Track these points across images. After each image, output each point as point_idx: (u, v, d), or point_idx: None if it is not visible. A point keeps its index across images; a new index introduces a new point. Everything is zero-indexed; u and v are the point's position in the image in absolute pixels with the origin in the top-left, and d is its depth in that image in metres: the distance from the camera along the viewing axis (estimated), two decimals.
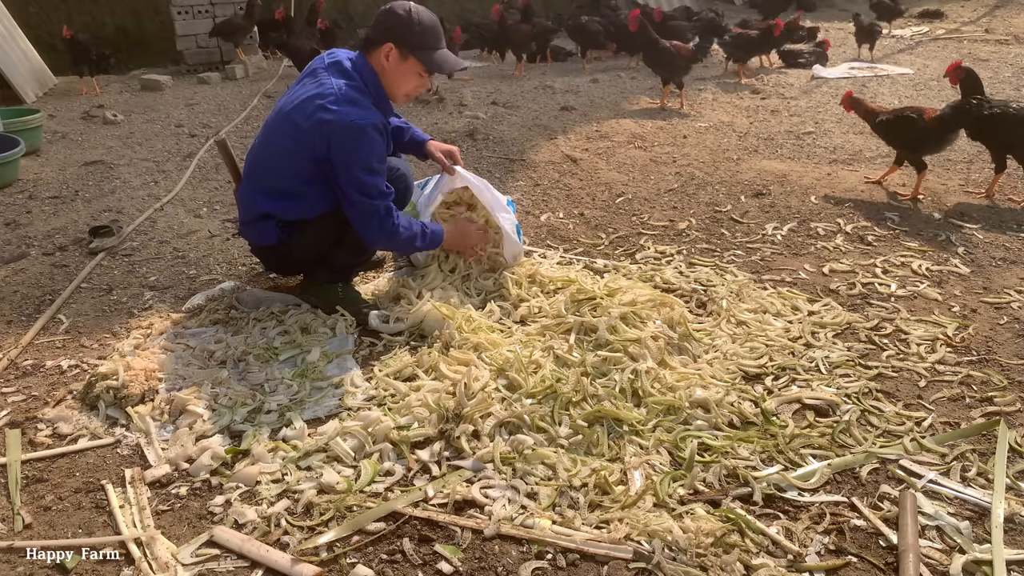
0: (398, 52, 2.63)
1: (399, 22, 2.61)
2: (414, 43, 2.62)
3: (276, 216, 2.72)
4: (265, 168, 2.73)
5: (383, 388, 2.41)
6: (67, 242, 3.67)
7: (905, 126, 4.17)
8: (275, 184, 2.70)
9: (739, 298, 3.00)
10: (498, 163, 4.94)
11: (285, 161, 2.65)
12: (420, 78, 2.72)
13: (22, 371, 2.56)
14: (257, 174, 2.76)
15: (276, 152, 2.68)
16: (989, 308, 2.98)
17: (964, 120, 4.04)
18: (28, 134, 5.03)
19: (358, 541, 1.81)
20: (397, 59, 2.64)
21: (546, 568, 1.73)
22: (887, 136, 4.39)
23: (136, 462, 2.10)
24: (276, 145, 2.68)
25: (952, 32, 10.33)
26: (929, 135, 4.09)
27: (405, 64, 2.65)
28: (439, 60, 2.68)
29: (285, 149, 2.64)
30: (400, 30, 2.61)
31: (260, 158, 2.76)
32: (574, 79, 7.81)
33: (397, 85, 2.71)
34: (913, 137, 4.16)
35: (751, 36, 7.61)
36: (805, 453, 2.12)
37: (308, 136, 2.56)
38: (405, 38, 2.61)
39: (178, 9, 8.17)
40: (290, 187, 2.68)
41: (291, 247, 2.78)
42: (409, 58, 2.64)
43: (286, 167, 2.66)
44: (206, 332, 2.76)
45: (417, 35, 2.62)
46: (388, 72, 2.67)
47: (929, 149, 4.24)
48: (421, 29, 2.62)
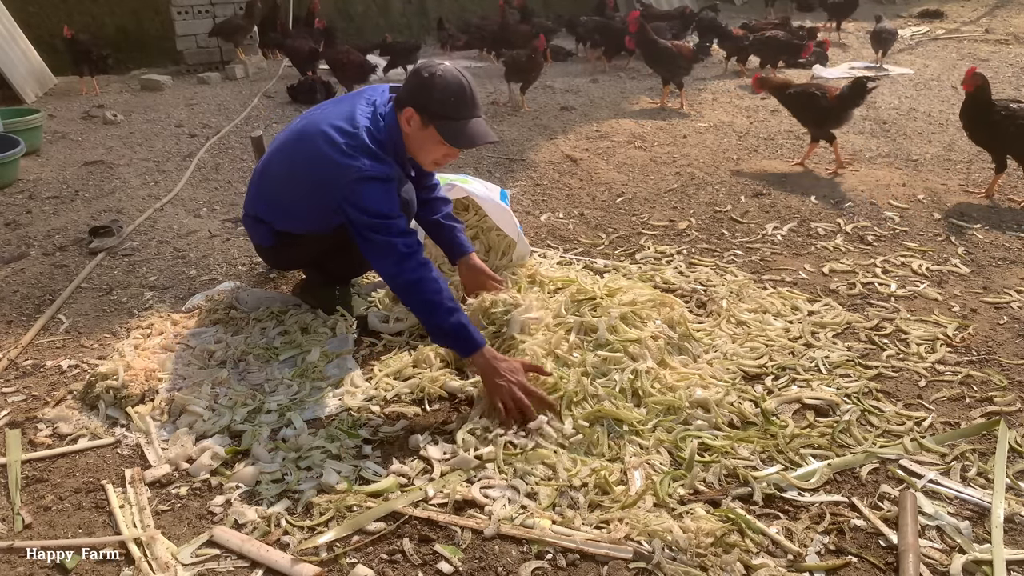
0: (419, 118, 2.37)
1: (421, 86, 2.34)
2: (435, 112, 2.34)
3: (269, 224, 2.69)
4: (271, 175, 2.66)
5: (383, 388, 2.41)
6: (67, 242, 3.67)
7: (810, 102, 4.59)
8: (275, 193, 2.65)
9: (739, 298, 3.00)
10: (498, 163, 4.94)
11: (290, 176, 2.56)
12: (445, 147, 2.42)
13: (22, 371, 2.56)
14: (264, 178, 2.70)
15: (285, 165, 2.59)
16: (989, 308, 2.98)
17: (862, 98, 4.46)
18: (28, 134, 5.03)
19: (358, 541, 1.81)
20: (419, 125, 2.38)
21: (546, 568, 1.73)
22: (793, 110, 4.80)
23: (136, 462, 2.10)
24: (287, 160, 2.58)
25: (952, 32, 10.33)
26: (831, 111, 4.50)
27: (426, 132, 2.39)
28: (463, 133, 2.37)
29: (294, 167, 2.54)
30: (421, 95, 2.34)
31: (270, 165, 2.68)
32: (574, 79, 7.81)
33: (421, 152, 2.47)
34: (816, 112, 4.57)
35: (779, 39, 7.49)
36: (805, 453, 2.12)
37: (319, 168, 2.41)
38: (426, 105, 2.34)
39: (178, 9, 8.17)
40: (288, 202, 2.61)
41: (285, 252, 2.77)
42: (430, 126, 2.37)
43: (288, 181, 2.57)
44: (206, 332, 2.76)
45: (438, 103, 2.33)
46: (411, 137, 2.43)
47: (831, 124, 4.59)
48: (443, 97, 2.32)
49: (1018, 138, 3.96)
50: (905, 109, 6.25)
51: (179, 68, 8.50)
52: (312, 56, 7.19)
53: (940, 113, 6.08)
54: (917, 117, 6.00)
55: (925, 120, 5.90)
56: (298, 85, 6.78)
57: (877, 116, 6.04)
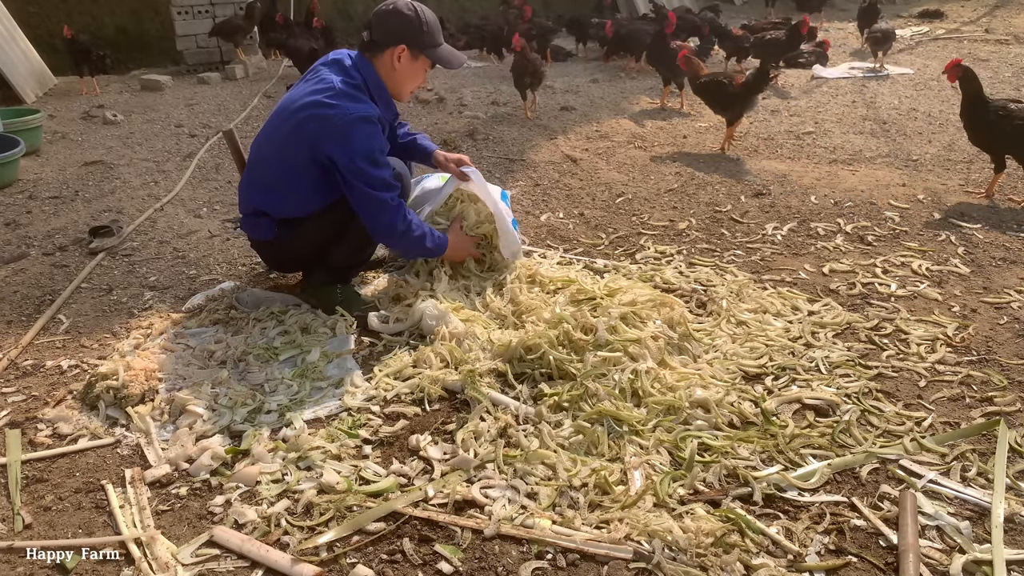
0: (410, 52, 2.70)
1: (408, 23, 2.66)
2: (424, 42, 2.70)
3: (269, 213, 2.74)
4: (262, 162, 2.76)
5: (383, 388, 2.41)
6: (67, 242, 3.67)
7: (718, 88, 4.98)
8: (270, 178, 2.72)
9: (739, 298, 3.00)
10: (498, 163, 4.94)
11: (281, 155, 2.68)
12: (424, 74, 2.82)
13: (22, 371, 2.56)
14: (255, 168, 2.80)
15: (274, 146, 2.71)
16: (989, 308, 2.98)
17: (764, 84, 4.83)
18: (28, 134, 5.03)
19: (358, 541, 1.81)
20: (409, 59, 2.71)
21: (546, 568, 1.73)
22: (703, 96, 5.16)
23: (136, 462, 2.10)
24: (274, 139, 2.71)
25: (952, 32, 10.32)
26: (736, 97, 4.88)
27: (416, 63, 2.73)
28: (447, 56, 2.77)
29: (282, 143, 2.66)
30: (410, 31, 2.67)
31: (259, 153, 2.79)
32: (574, 79, 7.81)
33: (405, 84, 2.78)
34: (723, 98, 4.97)
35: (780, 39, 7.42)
36: (805, 453, 2.12)
37: (306, 130, 2.59)
38: (416, 38, 2.68)
39: (178, 9, 8.17)
40: (284, 181, 2.69)
41: (287, 243, 2.79)
42: (420, 57, 2.73)
43: (281, 161, 2.68)
44: (206, 332, 2.76)
45: (427, 34, 2.69)
46: (399, 72, 2.73)
47: (736, 109, 4.97)
48: (428, 28, 2.69)
49: (1015, 137, 3.96)
50: (905, 109, 6.25)
51: (179, 68, 8.50)
52: (312, 56, 7.20)
53: (940, 113, 6.08)
54: (917, 117, 6.00)
55: (925, 120, 5.90)
56: None
57: (877, 116, 6.04)
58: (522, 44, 6.11)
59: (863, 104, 6.44)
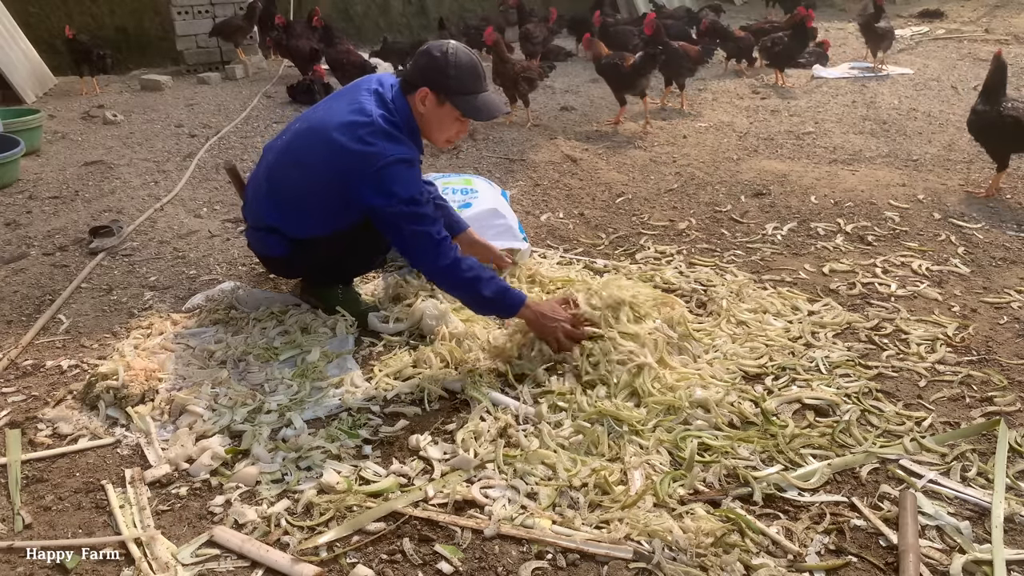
0: (435, 97, 2.48)
1: (434, 65, 2.45)
2: (450, 88, 2.46)
3: (283, 232, 2.67)
4: (284, 180, 2.64)
5: (383, 388, 2.41)
6: (67, 242, 3.67)
7: (612, 70, 5.56)
8: (290, 196, 2.62)
9: (739, 298, 3.00)
10: (498, 163, 4.94)
11: (307, 178, 2.55)
12: (460, 123, 2.56)
13: (22, 371, 2.57)
14: (274, 183, 2.67)
15: (301, 168, 2.57)
16: (989, 308, 2.98)
17: (653, 66, 5.46)
18: (28, 134, 5.03)
19: (358, 541, 1.81)
20: (434, 104, 2.49)
21: (546, 568, 1.73)
22: (603, 75, 5.73)
23: (136, 462, 2.10)
24: (303, 161, 2.57)
25: (952, 32, 10.32)
26: (627, 77, 5.48)
27: (442, 109, 2.50)
28: (478, 106, 2.50)
29: (311, 166, 2.52)
30: (435, 74, 2.45)
31: (281, 170, 2.65)
32: (574, 79, 7.81)
33: (436, 131, 2.57)
34: (617, 78, 5.57)
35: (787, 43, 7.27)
36: (805, 453, 2.12)
37: (341, 162, 2.43)
38: (441, 82, 2.45)
39: (178, 9, 8.17)
40: (307, 202, 2.59)
41: (297, 260, 2.75)
42: (446, 103, 2.49)
43: (306, 182, 2.56)
44: (206, 332, 2.76)
45: (453, 79, 2.45)
46: (426, 117, 2.53)
47: (627, 88, 5.60)
48: (457, 73, 2.45)
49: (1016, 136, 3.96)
50: (905, 109, 6.25)
51: (179, 68, 8.50)
52: (313, 56, 7.20)
53: (940, 113, 6.08)
54: (917, 117, 5.99)
55: (925, 120, 5.90)
56: (297, 85, 6.78)
57: (877, 116, 6.04)
58: (495, 39, 5.57)
59: (863, 104, 6.44)
